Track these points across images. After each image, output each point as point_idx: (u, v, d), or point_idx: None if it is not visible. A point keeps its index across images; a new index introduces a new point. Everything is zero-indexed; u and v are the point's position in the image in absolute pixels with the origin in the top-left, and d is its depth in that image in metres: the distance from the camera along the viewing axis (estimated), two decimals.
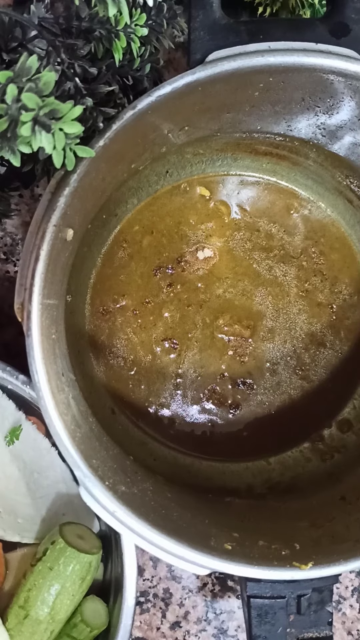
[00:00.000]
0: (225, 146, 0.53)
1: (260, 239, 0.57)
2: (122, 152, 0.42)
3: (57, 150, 0.34)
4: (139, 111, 0.39)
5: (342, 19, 0.41)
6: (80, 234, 0.45)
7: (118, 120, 0.39)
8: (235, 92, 0.43)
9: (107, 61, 0.40)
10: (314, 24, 0.41)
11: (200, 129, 0.48)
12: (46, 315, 0.40)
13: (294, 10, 0.52)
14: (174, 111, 0.42)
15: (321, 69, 0.40)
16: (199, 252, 0.56)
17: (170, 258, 0.56)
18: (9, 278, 0.56)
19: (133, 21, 0.38)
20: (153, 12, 0.40)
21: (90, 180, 0.40)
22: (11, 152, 0.33)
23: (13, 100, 0.32)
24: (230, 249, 0.56)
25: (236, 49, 0.40)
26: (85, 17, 0.38)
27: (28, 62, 0.32)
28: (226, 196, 0.57)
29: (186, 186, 0.56)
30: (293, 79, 0.42)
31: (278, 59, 0.40)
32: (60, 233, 0.40)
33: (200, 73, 0.39)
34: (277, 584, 0.41)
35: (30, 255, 0.39)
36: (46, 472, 0.51)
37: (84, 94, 0.39)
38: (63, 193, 0.39)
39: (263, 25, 0.42)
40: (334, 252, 0.57)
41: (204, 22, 0.41)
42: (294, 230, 0.57)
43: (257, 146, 0.53)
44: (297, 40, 0.40)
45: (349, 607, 0.57)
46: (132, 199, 0.55)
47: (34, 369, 0.39)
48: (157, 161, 0.51)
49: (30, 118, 0.32)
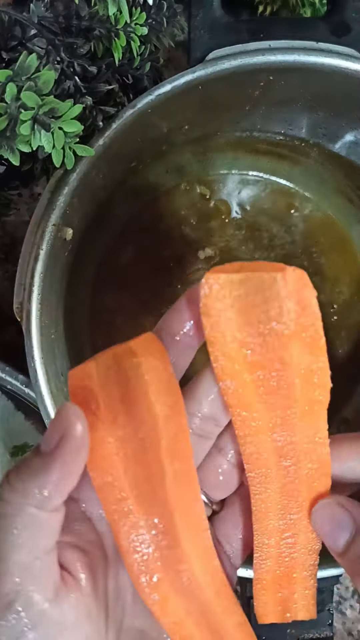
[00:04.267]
0: (225, 145, 0.53)
1: (260, 238, 0.57)
2: (121, 151, 0.42)
3: (56, 149, 0.34)
4: (139, 110, 0.39)
5: (342, 18, 0.41)
6: (80, 234, 0.45)
7: (118, 119, 0.39)
8: (235, 90, 0.43)
9: (106, 60, 0.40)
10: (315, 23, 0.41)
11: (201, 127, 0.48)
12: (45, 315, 0.40)
13: (294, 9, 0.52)
14: (174, 110, 0.42)
15: (322, 67, 0.40)
16: (199, 252, 0.56)
17: (170, 258, 0.55)
18: (8, 277, 0.56)
19: (133, 20, 0.38)
20: (153, 11, 0.40)
21: (90, 179, 0.40)
22: (10, 151, 0.33)
23: (12, 99, 0.32)
24: (230, 248, 0.56)
25: (236, 47, 0.40)
26: (85, 15, 0.38)
27: (27, 61, 0.32)
28: (226, 195, 0.57)
29: (186, 185, 0.56)
30: (294, 77, 0.42)
31: (278, 57, 0.40)
32: (60, 232, 0.40)
33: (200, 72, 0.39)
34: None
35: (30, 254, 0.39)
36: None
37: (83, 92, 0.39)
38: (62, 192, 0.39)
39: (263, 24, 0.42)
40: (335, 252, 0.57)
41: (204, 21, 0.41)
42: (295, 230, 0.57)
43: (257, 145, 0.53)
44: (297, 39, 0.40)
45: (349, 608, 0.57)
46: (132, 198, 0.54)
47: (33, 369, 0.39)
48: (156, 160, 0.51)
49: (30, 117, 0.32)
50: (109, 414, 0.24)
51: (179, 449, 0.25)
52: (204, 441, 0.27)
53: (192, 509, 0.25)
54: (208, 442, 0.28)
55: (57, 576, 0.24)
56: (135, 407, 0.24)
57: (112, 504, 0.25)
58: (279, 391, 0.25)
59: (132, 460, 0.24)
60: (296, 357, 0.24)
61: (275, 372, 0.24)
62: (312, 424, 0.25)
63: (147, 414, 0.24)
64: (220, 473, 0.28)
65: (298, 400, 0.25)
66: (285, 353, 0.24)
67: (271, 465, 0.26)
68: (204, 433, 0.27)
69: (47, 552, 0.24)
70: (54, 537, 0.24)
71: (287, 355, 0.24)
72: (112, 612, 0.26)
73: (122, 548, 0.25)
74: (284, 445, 0.26)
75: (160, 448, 0.24)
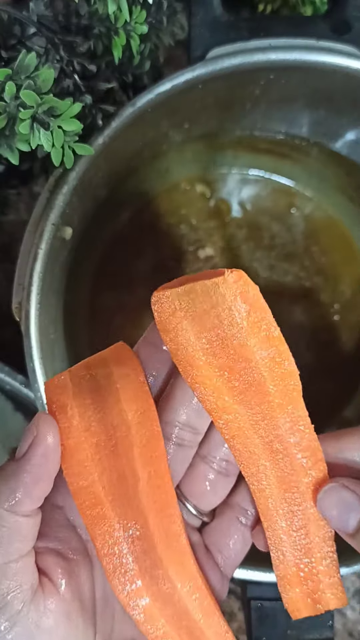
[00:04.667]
0: (225, 144, 0.53)
1: (261, 237, 0.56)
2: (121, 150, 0.42)
3: (55, 148, 0.34)
4: (139, 109, 0.39)
5: (343, 17, 0.41)
6: (79, 233, 0.45)
7: (117, 118, 0.39)
8: (235, 89, 0.43)
9: (106, 58, 0.40)
10: (315, 21, 0.41)
11: (201, 126, 0.48)
12: (44, 315, 0.40)
13: (294, 7, 0.51)
14: (174, 108, 0.42)
15: (322, 66, 0.40)
16: (199, 251, 0.55)
17: (170, 257, 0.55)
18: (7, 277, 0.56)
19: (133, 18, 0.38)
20: (153, 9, 0.40)
21: (89, 178, 0.40)
22: (9, 150, 0.33)
23: (12, 97, 0.32)
24: (231, 247, 0.56)
25: (237, 46, 0.39)
26: (85, 14, 0.38)
27: (27, 60, 0.32)
28: (227, 194, 0.56)
29: (186, 184, 0.56)
30: (294, 76, 0.41)
31: (279, 55, 0.40)
32: (59, 232, 0.40)
33: (200, 70, 0.39)
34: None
35: (29, 254, 0.39)
36: None
37: (83, 91, 0.39)
38: (62, 191, 0.39)
39: (264, 22, 0.42)
40: (336, 251, 0.57)
41: (205, 19, 0.40)
42: (296, 229, 0.57)
43: (258, 144, 0.53)
44: (298, 38, 0.40)
45: (350, 609, 0.56)
46: (131, 198, 0.54)
47: (32, 369, 0.39)
48: (156, 159, 0.51)
49: (29, 115, 0.32)
50: (83, 422, 0.25)
51: (152, 454, 0.25)
52: (184, 450, 0.27)
53: (167, 513, 0.26)
54: (189, 451, 0.28)
55: (35, 580, 0.24)
56: (108, 414, 0.25)
57: (87, 508, 0.25)
58: (250, 388, 0.25)
59: (107, 465, 0.25)
60: (257, 351, 0.25)
61: (242, 371, 0.25)
62: (291, 413, 0.26)
63: (120, 420, 0.25)
64: (206, 482, 0.28)
65: (271, 393, 0.25)
66: (246, 350, 0.25)
67: (264, 461, 0.26)
68: (182, 442, 0.27)
69: (22, 556, 0.24)
70: (28, 542, 0.24)
71: (247, 352, 0.25)
72: (100, 620, 0.26)
73: (98, 552, 0.25)
74: (271, 439, 0.26)
75: (133, 453, 0.25)
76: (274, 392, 0.25)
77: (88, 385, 0.26)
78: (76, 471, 0.25)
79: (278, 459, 0.26)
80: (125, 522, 0.25)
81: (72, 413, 0.25)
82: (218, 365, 0.25)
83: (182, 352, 0.25)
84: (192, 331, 0.25)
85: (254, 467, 0.26)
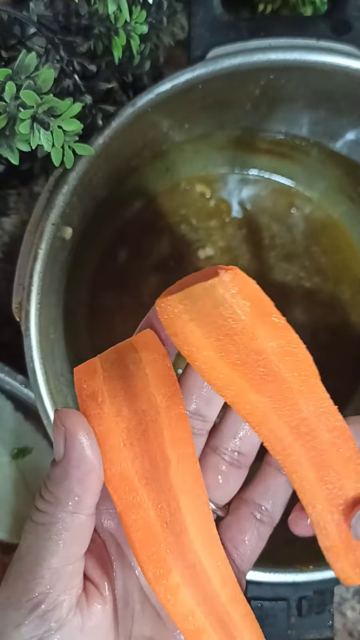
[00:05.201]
0: (225, 144, 0.53)
1: (261, 238, 0.56)
2: (121, 150, 0.42)
3: (55, 148, 0.34)
4: (139, 108, 0.39)
5: (343, 17, 0.41)
6: (79, 233, 0.45)
7: (117, 118, 0.39)
8: (235, 89, 0.43)
9: (106, 58, 0.40)
10: (315, 21, 0.41)
11: (201, 126, 0.48)
12: (44, 315, 0.39)
13: (294, 7, 0.51)
14: (174, 108, 0.42)
15: (322, 66, 0.40)
16: (199, 251, 0.55)
17: (170, 257, 0.55)
18: (8, 277, 0.56)
19: (133, 18, 0.38)
20: (153, 9, 0.40)
21: (89, 178, 0.40)
22: (9, 150, 0.33)
23: (12, 97, 0.32)
24: (231, 248, 0.56)
25: (237, 45, 0.39)
26: (85, 14, 0.38)
27: (27, 60, 0.32)
28: (227, 194, 0.56)
29: (186, 184, 0.56)
30: (294, 76, 0.41)
31: (279, 55, 0.40)
32: (59, 232, 0.40)
33: (200, 70, 0.39)
34: (278, 586, 0.41)
35: (29, 254, 0.39)
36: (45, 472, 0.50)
37: (83, 91, 0.39)
38: (62, 191, 0.39)
39: (264, 22, 0.42)
40: (336, 251, 0.57)
41: (205, 19, 0.40)
42: (296, 229, 0.57)
43: (258, 144, 0.53)
44: (298, 38, 0.40)
45: (350, 609, 0.56)
46: (131, 197, 0.54)
47: (32, 369, 0.39)
48: (156, 159, 0.51)
49: (29, 115, 0.32)
50: (113, 407, 0.25)
51: (180, 436, 0.26)
52: (195, 438, 0.28)
53: (196, 494, 0.26)
54: (199, 439, 0.28)
55: (81, 584, 0.25)
56: (137, 399, 0.26)
57: (122, 494, 0.25)
58: (267, 378, 0.26)
59: (138, 450, 0.25)
60: (267, 343, 0.25)
61: (256, 363, 0.26)
62: (312, 397, 0.26)
63: (149, 405, 0.26)
64: (218, 473, 0.28)
65: (288, 380, 0.26)
66: (255, 343, 0.25)
67: (293, 443, 0.27)
68: (193, 430, 0.27)
69: (78, 559, 0.25)
70: (85, 544, 0.25)
71: (257, 344, 0.25)
72: (121, 620, 0.27)
73: (132, 541, 0.25)
74: (297, 423, 0.26)
75: (163, 437, 0.25)
76: (291, 380, 0.26)
77: (118, 371, 0.26)
78: (109, 457, 0.25)
79: (308, 440, 0.27)
80: (159, 507, 0.25)
81: (102, 399, 0.25)
82: (232, 360, 0.26)
83: (194, 353, 0.26)
84: (200, 332, 0.25)
85: (286, 451, 0.27)
